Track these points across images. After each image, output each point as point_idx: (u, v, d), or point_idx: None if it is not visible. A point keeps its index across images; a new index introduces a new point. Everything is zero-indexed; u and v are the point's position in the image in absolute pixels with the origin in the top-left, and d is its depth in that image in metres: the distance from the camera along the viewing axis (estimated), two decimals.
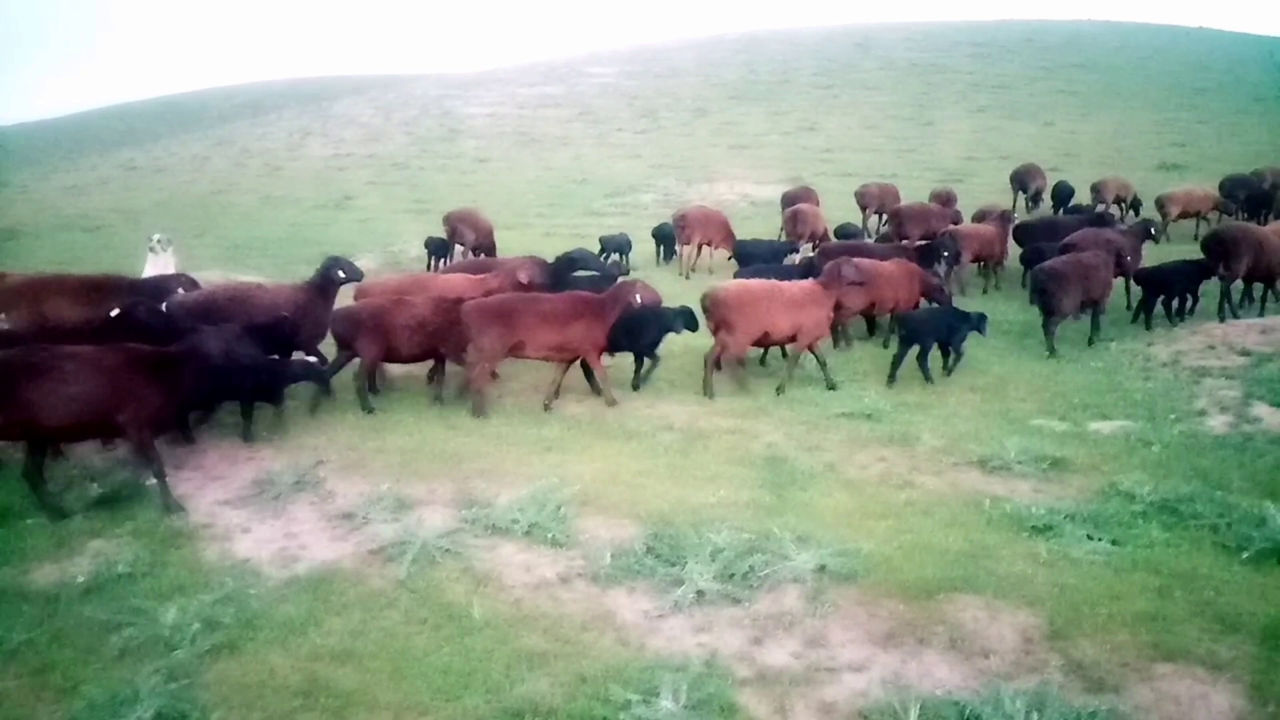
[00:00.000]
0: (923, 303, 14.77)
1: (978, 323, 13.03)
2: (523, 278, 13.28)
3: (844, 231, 22.22)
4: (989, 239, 19.07)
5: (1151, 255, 17.84)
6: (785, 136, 43.23)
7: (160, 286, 12.54)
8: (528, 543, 7.66)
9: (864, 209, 25.85)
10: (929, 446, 10.18)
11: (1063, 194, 26.33)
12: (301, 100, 78.68)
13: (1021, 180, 27.81)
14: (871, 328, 15.57)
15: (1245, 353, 13.31)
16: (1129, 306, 16.34)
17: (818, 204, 23.59)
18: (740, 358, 12.47)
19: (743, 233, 22.36)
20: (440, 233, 21.80)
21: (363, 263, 18.17)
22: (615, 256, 21.39)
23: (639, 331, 12.20)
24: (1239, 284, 15.94)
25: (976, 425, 10.95)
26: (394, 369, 12.70)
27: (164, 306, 11.55)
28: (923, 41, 67.64)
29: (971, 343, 13.29)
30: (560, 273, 14.21)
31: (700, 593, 6.75)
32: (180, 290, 12.42)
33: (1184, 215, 23.66)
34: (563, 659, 6.06)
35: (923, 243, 18.26)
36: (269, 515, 8.31)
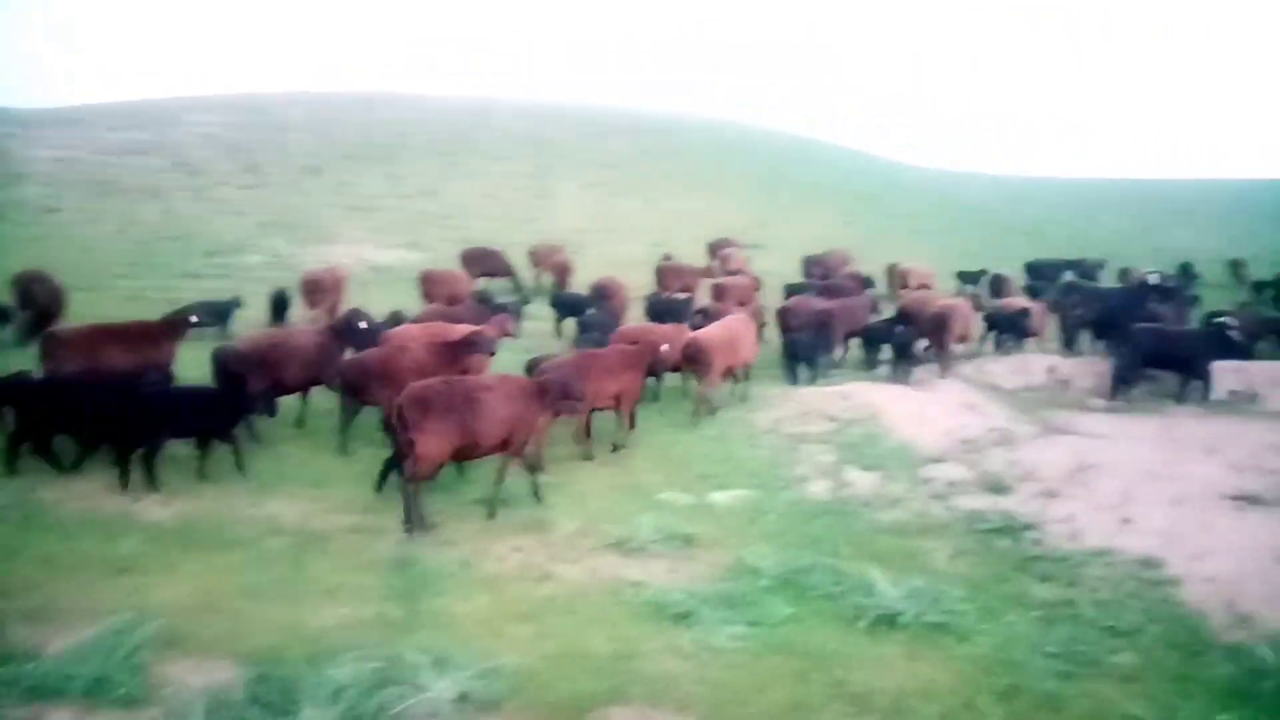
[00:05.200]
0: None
1: None
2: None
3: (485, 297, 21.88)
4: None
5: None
6: (405, 200, 42.29)
7: None
8: (88, 706, 6.03)
9: (535, 266, 27.20)
10: (565, 531, 9.84)
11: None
12: None
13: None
14: None
15: (832, 418, 14.63)
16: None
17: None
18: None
19: (363, 299, 21.09)
20: None
21: None
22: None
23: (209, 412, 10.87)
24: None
25: (610, 503, 10.82)
26: None
27: None
28: (538, 117, 70.38)
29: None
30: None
31: None
32: None
33: (922, 286, 25.86)
34: None
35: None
36: None
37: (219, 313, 19.36)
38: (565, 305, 21.25)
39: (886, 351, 18.35)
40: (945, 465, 12.19)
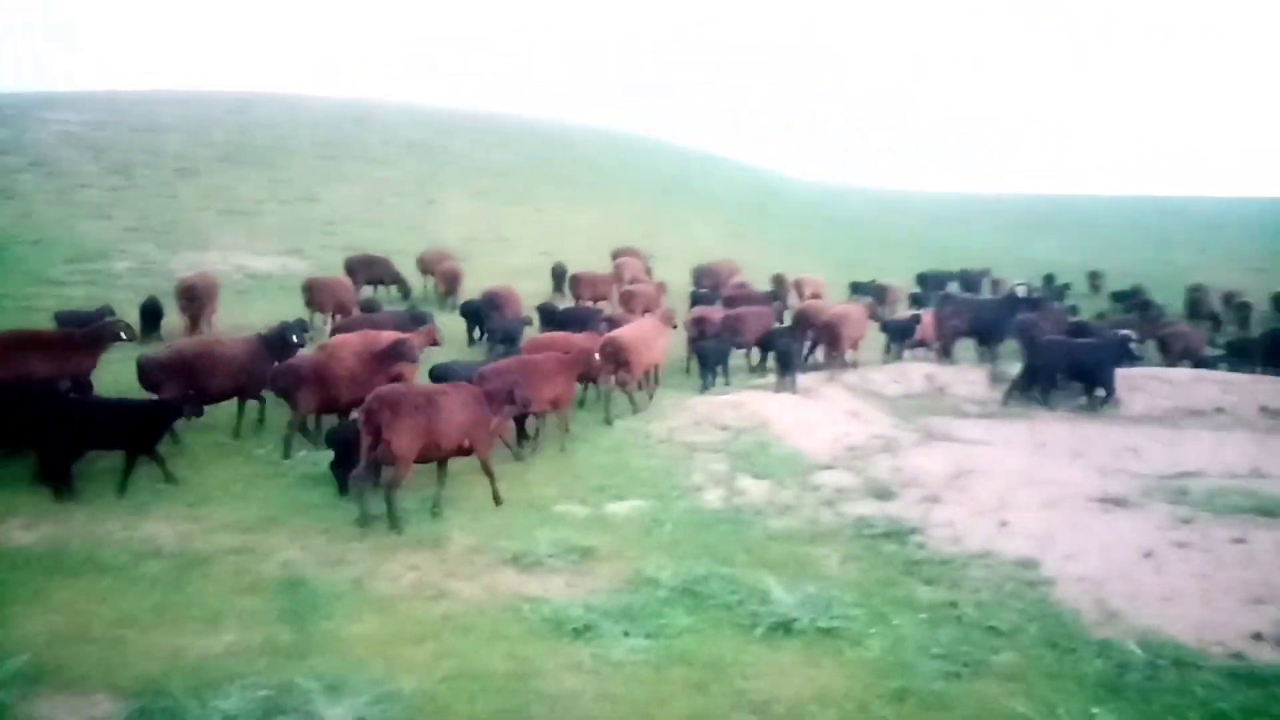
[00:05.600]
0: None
1: None
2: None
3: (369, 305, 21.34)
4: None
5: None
6: (284, 205, 40.87)
7: None
8: None
9: (424, 274, 26.72)
10: (461, 546, 9.69)
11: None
12: None
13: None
14: None
15: (724, 427, 14.85)
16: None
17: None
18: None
19: (240, 308, 20.34)
20: None
21: None
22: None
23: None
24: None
25: (505, 517, 10.71)
26: None
27: None
28: (423, 121, 69.18)
29: None
30: None
31: None
32: None
33: (814, 295, 26.04)
34: None
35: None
36: None
37: (83, 323, 18.30)
38: (474, 314, 21.05)
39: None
40: (833, 472, 12.52)
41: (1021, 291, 20.32)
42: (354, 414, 11.58)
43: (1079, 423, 16.04)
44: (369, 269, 25.28)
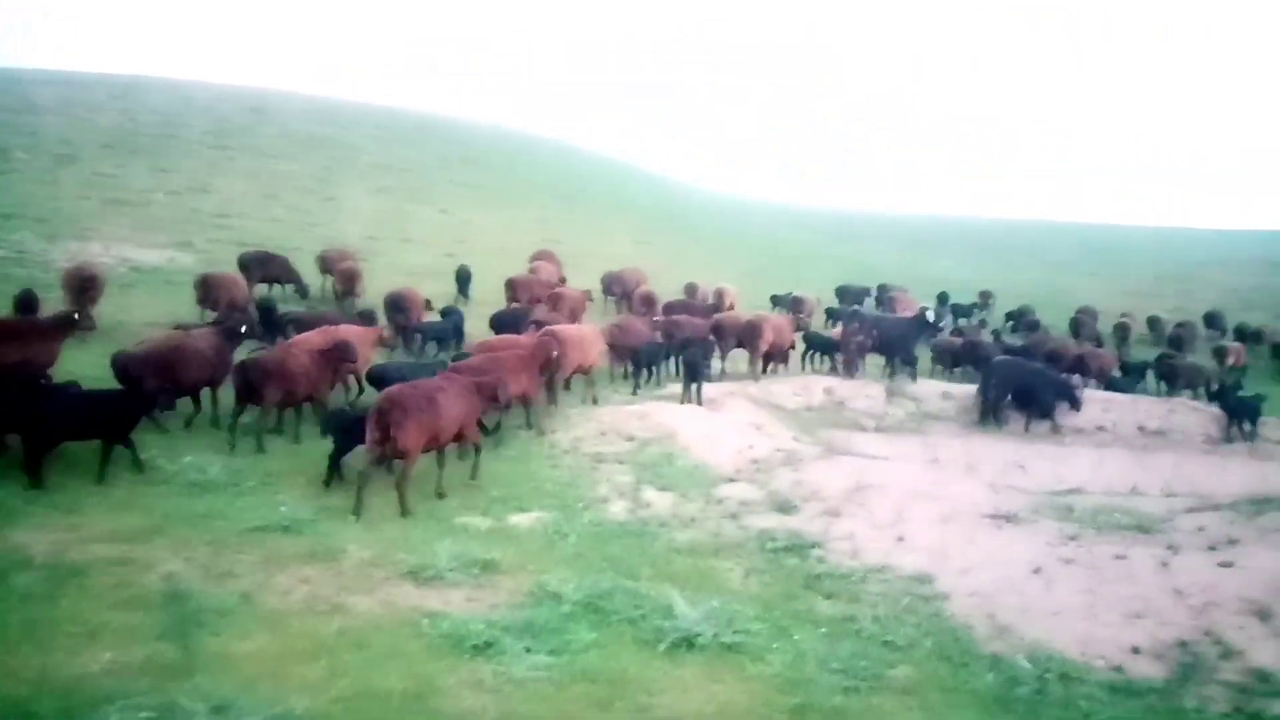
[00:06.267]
0: None
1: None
2: None
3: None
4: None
5: None
6: (173, 196, 39.09)
7: None
8: None
9: (324, 273, 25.80)
10: (357, 559, 9.37)
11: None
12: None
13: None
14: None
15: (630, 438, 14.83)
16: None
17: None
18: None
19: (124, 302, 19.39)
20: None
21: None
22: None
23: None
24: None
25: (404, 529, 10.44)
26: None
27: None
28: (322, 115, 67.28)
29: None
30: None
31: None
32: None
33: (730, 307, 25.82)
34: None
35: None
36: None
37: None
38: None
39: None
40: (737, 485, 12.64)
41: (930, 315, 20.92)
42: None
43: (970, 438, 16.59)
44: (264, 266, 24.34)
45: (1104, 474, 14.45)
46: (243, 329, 15.11)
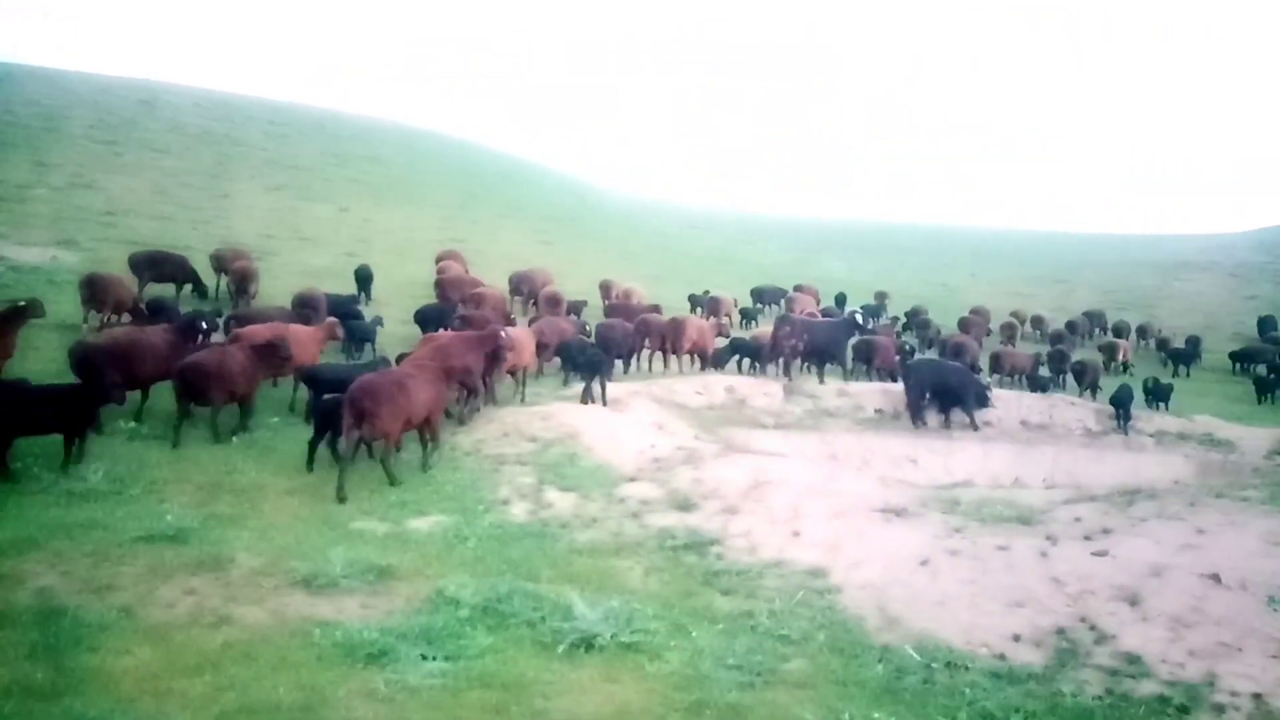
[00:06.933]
0: None
1: None
2: None
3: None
4: None
5: None
6: (55, 192, 37.22)
7: None
8: None
9: (218, 272, 24.72)
10: (246, 568, 9.11)
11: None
12: None
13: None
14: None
15: (533, 439, 14.76)
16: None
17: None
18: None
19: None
20: None
21: None
22: None
23: None
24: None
25: (297, 536, 10.19)
26: None
27: None
28: (214, 109, 64.87)
29: (277, 436, 13.41)
30: None
31: None
32: None
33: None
34: None
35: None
36: None
37: None
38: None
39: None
40: (639, 484, 12.70)
41: (859, 317, 21.44)
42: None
43: (865, 434, 17.04)
44: (156, 267, 23.34)
45: (989, 467, 15.05)
46: (203, 326, 15.63)
